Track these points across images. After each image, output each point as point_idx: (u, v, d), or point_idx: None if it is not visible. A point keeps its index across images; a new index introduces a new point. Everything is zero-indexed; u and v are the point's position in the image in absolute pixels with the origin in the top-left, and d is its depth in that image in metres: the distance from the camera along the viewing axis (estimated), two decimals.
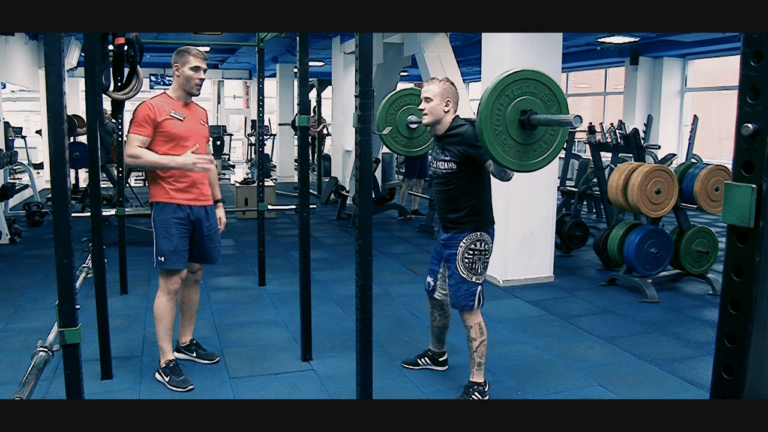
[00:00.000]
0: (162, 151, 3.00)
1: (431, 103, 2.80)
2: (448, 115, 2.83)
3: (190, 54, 3.04)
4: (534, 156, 2.53)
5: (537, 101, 2.47)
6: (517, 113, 2.44)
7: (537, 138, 2.50)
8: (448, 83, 2.84)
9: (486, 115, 2.39)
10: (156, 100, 3.06)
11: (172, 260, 3.03)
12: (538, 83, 2.49)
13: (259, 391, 3.03)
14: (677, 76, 11.41)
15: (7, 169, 7.59)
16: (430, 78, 2.89)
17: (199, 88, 3.11)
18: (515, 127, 2.45)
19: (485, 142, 2.41)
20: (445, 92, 2.81)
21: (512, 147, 2.46)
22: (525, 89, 2.46)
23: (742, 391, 0.86)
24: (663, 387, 3.13)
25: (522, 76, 2.46)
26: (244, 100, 19.15)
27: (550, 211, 5.11)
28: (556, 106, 2.51)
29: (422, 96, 2.86)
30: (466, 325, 2.84)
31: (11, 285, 4.87)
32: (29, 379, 1.96)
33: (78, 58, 10.68)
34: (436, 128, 2.87)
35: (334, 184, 9.29)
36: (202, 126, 3.18)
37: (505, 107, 2.42)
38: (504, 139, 2.44)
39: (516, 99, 2.44)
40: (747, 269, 0.85)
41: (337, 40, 10.04)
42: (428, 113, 2.82)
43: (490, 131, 2.41)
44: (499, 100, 2.41)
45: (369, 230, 2.24)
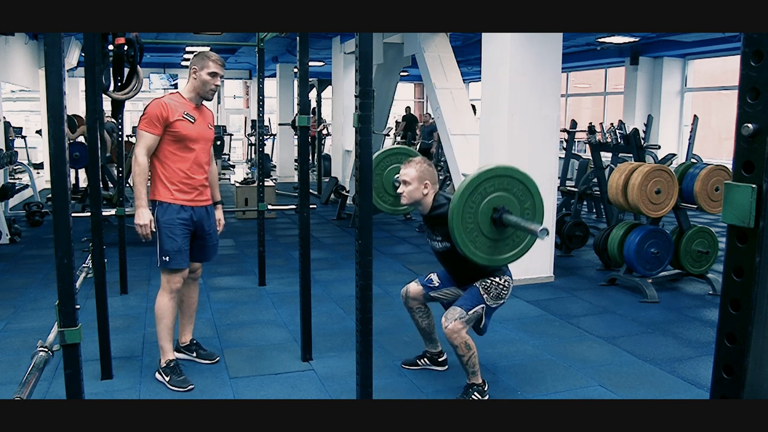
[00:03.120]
0: (170, 150, 3.03)
1: (409, 187, 2.84)
2: (428, 197, 2.87)
3: (210, 59, 3.08)
4: (505, 251, 2.58)
5: (510, 197, 2.51)
6: (489, 210, 2.48)
7: (509, 234, 2.54)
8: (425, 164, 2.87)
9: (457, 213, 2.44)
10: (170, 99, 3.07)
11: (177, 260, 3.05)
12: (512, 179, 2.53)
13: (259, 391, 3.03)
14: (677, 76, 11.42)
15: (7, 169, 7.59)
16: (407, 160, 2.92)
17: (214, 93, 3.15)
18: (487, 223, 2.49)
19: (456, 239, 2.46)
20: (423, 175, 2.83)
21: (483, 243, 2.51)
22: (498, 186, 2.50)
23: (742, 391, 0.86)
24: (663, 387, 3.13)
25: (496, 173, 2.50)
26: (244, 100, 19.16)
27: (550, 211, 5.11)
28: (530, 200, 2.56)
29: (400, 179, 2.90)
30: (452, 343, 2.79)
31: (11, 285, 4.87)
32: (29, 379, 1.96)
33: (78, 58, 10.69)
34: (419, 208, 2.93)
35: (334, 184, 9.29)
36: (209, 130, 3.22)
37: (477, 204, 2.47)
38: (475, 235, 2.49)
39: (489, 196, 2.48)
40: (747, 269, 0.85)
41: (337, 40, 10.04)
42: (406, 196, 2.86)
43: (461, 228, 2.45)
44: (472, 198, 2.47)
45: (369, 230, 2.24)
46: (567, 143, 7.65)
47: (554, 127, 5.04)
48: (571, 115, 14.44)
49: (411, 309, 3.16)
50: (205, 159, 3.18)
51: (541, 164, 4.82)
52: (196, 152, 3.09)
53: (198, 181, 3.12)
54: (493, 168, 2.52)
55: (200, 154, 3.12)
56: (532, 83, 4.84)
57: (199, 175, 3.12)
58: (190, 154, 3.07)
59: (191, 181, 3.08)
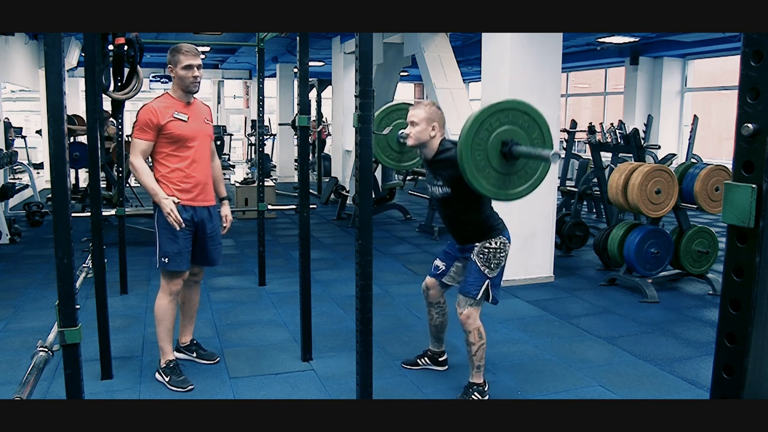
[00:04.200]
0: (167, 152, 3.01)
1: (417, 128, 2.81)
2: (435, 140, 2.84)
3: (180, 53, 3.00)
4: (518, 184, 2.56)
5: (518, 129, 2.50)
6: (498, 144, 2.46)
7: (519, 168, 2.53)
8: (434, 107, 2.86)
9: (466, 150, 2.41)
10: (157, 103, 3.03)
11: (176, 262, 3.02)
12: (517, 112, 2.52)
13: (259, 391, 3.03)
14: (677, 76, 11.41)
15: (7, 169, 7.59)
16: (416, 101, 2.89)
17: (197, 85, 3.06)
18: (497, 157, 2.47)
19: (467, 176, 2.44)
20: (431, 116, 2.81)
21: (494, 177, 2.49)
22: (504, 120, 2.49)
23: (742, 391, 0.86)
24: (663, 387, 3.13)
25: (499, 107, 2.49)
26: (244, 100, 19.14)
27: (550, 211, 5.11)
28: (537, 130, 2.54)
29: (408, 119, 2.87)
30: (465, 329, 2.83)
31: (11, 285, 4.87)
32: (29, 379, 1.96)
33: (78, 58, 10.68)
34: (424, 152, 2.89)
35: (334, 184, 9.29)
36: (206, 125, 3.16)
37: (485, 140, 2.45)
38: (487, 171, 2.47)
39: (496, 130, 2.46)
40: (747, 269, 0.85)
41: (337, 40, 10.04)
42: (412, 137, 2.83)
43: (471, 164, 2.43)
44: (479, 134, 2.44)
45: (369, 230, 2.24)
46: (567, 143, 7.66)
47: (554, 127, 5.02)
48: (571, 115, 14.43)
49: (430, 303, 3.15)
50: (206, 156, 3.14)
51: None
52: (194, 150, 3.05)
53: (199, 179, 3.08)
54: (495, 103, 2.49)
55: (199, 152, 3.07)
56: (532, 83, 4.84)
57: (199, 173, 3.08)
58: (188, 152, 3.03)
59: (192, 180, 3.05)
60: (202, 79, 3.13)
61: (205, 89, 16.92)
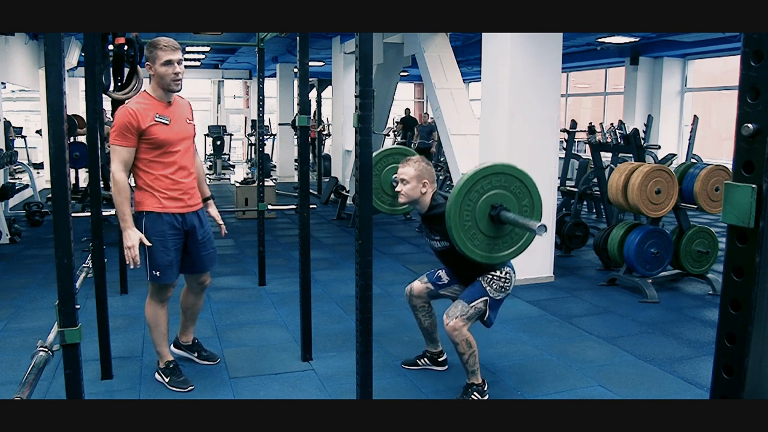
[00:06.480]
0: (150, 158, 2.80)
1: (407, 186, 2.84)
2: (426, 195, 2.87)
3: (158, 48, 2.74)
4: (503, 248, 2.57)
5: (508, 194, 2.51)
6: (487, 207, 2.47)
7: (505, 232, 2.54)
8: (423, 163, 2.87)
9: (455, 211, 2.42)
10: (137, 104, 2.78)
11: (168, 275, 2.91)
12: (510, 177, 2.53)
13: (259, 391, 3.03)
14: (677, 76, 11.42)
15: (7, 169, 7.59)
16: (405, 159, 2.92)
17: (179, 83, 2.80)
18: (485, 220, 2.48)
19: (454, 237, 2.45)
20: (421, 173, 2.83)
21: (481, 240, 2.50)
22: (496, 183, 2.50)
23: (742, 391, 0.86)
24: (663, 387, 3.13)
25: (493, 170, 2.50)
26: (244, 100, 19.15)
27: (550, 211, 5.11)
28: (527, 198, 2.55)
29: (398, 177, 2.89)
30: (453, 341, 2.79)
31: (11, 285, 4.87)
32: (29, 379, 1.96)
33: (78, 58, 10.68)
34: (417, 207, 2.92)
35: (334, 184, 9.29)
36: (188, 125, 2.95)
37: (474, 202, 2.47)
38: (473, 233, 2.48)
39: (486, 193, 2.47)
40: (747, 269, 0.85)
41: (337, 40, 10.04)
42: (404, 195, 2.86)
43: (458, 226, 2.44)
44: (469, 196, 2.46)
45: (369, 230, 2.24)
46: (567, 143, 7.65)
47: (554, 127, 5.04)
48: (571, 115, 14.44)
49: (414, 307, 3.15)
50: (191, 159, 2.96)
51: (541, 164, 4.82)
52: (179, 155, 2.87)
53: (186, 185, 2.92)
54: (490, 165, 2.52)
55: (184, 157, 2.90)
56: (532, 83, 4.84)
57: (186, 179, 2.91)
58: (173, 157, 2.85)
59: (179, 186, 2.88)
60: (202, 79, 3.11)
61: (205, 89, 16.95)
